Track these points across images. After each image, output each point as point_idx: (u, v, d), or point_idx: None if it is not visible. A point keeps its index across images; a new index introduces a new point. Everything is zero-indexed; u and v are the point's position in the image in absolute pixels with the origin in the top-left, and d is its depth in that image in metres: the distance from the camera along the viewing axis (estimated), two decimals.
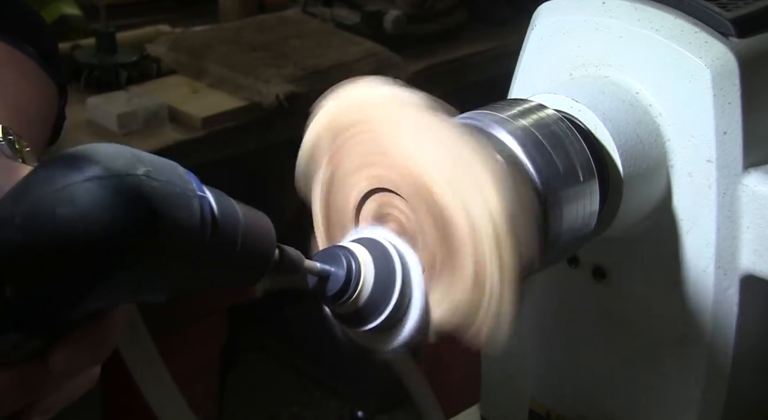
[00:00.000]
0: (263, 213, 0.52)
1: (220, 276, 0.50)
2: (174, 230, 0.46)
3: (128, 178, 0.45)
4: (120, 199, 0.44)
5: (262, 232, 0.51)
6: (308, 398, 2.50)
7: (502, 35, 2.34)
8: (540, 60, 0.79)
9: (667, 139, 0.72)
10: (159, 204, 0.45)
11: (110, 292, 0.46)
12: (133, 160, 0.46)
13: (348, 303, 0.55)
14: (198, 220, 0.47)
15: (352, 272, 0.55)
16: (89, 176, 0.44)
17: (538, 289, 0.84)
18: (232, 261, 0.49)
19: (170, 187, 0.46)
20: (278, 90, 1.85)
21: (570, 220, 0.64)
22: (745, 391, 0.79)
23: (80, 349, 0.48)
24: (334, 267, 0.55)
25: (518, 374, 0.91)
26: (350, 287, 0.55)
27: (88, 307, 0.46)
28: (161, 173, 0.46)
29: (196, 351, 2.12)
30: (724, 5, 0.75)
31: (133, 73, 1.93)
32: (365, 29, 2.18)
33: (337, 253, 0.56)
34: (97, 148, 0.46)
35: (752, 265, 0.72)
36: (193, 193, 0.47)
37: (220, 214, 0.48)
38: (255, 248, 0.51)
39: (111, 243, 0.44)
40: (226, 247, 0.49)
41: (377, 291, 0.55)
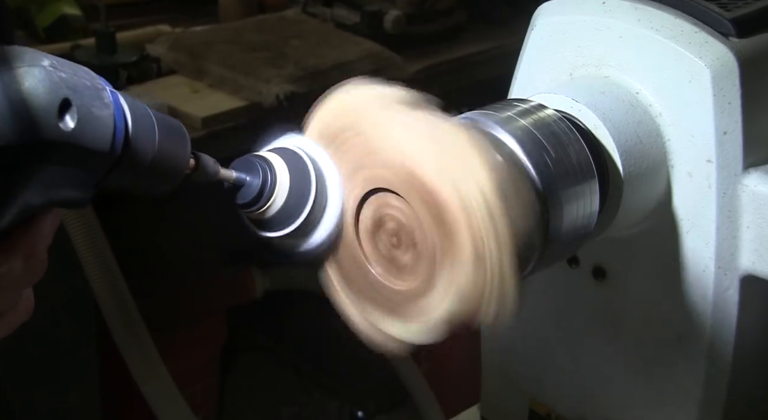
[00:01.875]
0: (179, 121, 0.53)
1: (135, 178, 0.50)
2: (87, 118, 0.46)
3: (35, 69, 0.45)
4: (30, 90, 0.44)
5: (177, 138, 0.52)
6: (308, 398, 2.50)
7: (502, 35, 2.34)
8: (540, 60, 0.79)
9: (667, 139, 0.72)
10: (69, 93, 0.45)
11: (31, 190, 0.45)
12: (37, 54, 0.46)
13: (262, 210, 0.57)
14: (111, 112, 0.47)
15: (267, 181, 0.57)
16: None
17: (538, 289, 0.84)
18: (146, 163, 0.50)
19: (78, 79, 0.46)
20: (278, 90, 1.85)
21: (570, 220, 0.64)
22: (745, 391, 0.78)
23: (12, 255, 0.48)
24: (249, 175, 0.57)
25: (518, 374, 0.91)
26: (263, 197, 0.57)
27: (12, 209, 0.45)
28: (67, 67, 0.46)
29: (196, 351, 2.11)
30: (724, 5, 0.75)
31: (133, 73, 1.93)
32: (365, 29, 2.17)
33: (254, 162, 0.57)
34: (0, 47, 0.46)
35: (752, 265, 0.72)
36: (102, 86, 0.47)
37: (132, 109, 0.49)
38: (170, 152, 0.51)
39: (26, 135, 0.44)
40: (141, 144, 0.49)
41: (291, 200, 0.57)
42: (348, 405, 2.46)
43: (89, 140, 0.46)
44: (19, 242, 0.49)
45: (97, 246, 1.62)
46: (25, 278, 0.50)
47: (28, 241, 0.49)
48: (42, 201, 0.47)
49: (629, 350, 0.80)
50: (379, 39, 2.13)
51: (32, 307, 0.54)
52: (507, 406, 0.93)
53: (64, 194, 0.47)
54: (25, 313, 0.54)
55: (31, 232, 0.49)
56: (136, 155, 0.49)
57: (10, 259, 0.48)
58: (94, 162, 0.47)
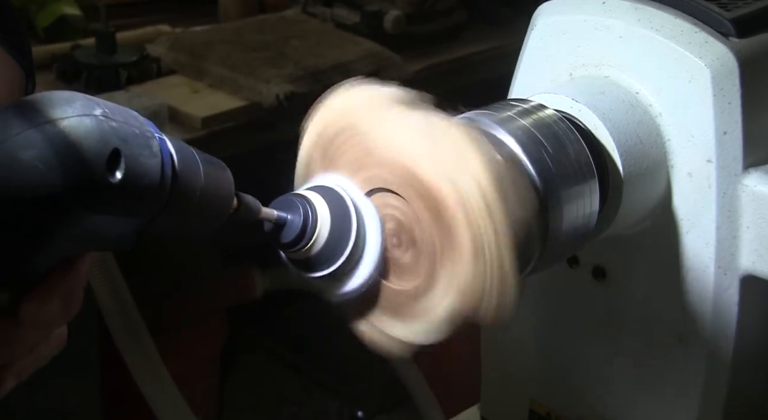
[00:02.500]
0: (221, 160, 0.52)
1: (180, 222, 0.49)
2: (135, 169, 0.45)
3: (86, 118, 0.44)
4: (80, 140, 0.43)
5: (222, 180, 0.52)
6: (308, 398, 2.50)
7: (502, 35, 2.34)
8: (540, 60, 0.79)
9: (667, 139, 0.72)
10: (119, 143, 0.45)
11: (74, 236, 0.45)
12: (90, 102, 0.45)
13: (303, 250, 0.56)
14: (159, 160, 0.46)
15: (308, 220, 0.56)
16: (48, 119, 0.43)
17: (538, 289, 0.84)
18: (192, 208, 0.49)
19: (129, 128, 0.46)
20: (278, 90, 1.85)
21: (570, 220, 0.64)
22: (745, 391, 0.78)
23: (50, 299, 0.48)
24: (290, 214, 0.56)
25: (518, 374, 0.91)
26: (305, 236, 0.56)
27: (53, 254, 0.45)
28: (118, 114, 0.46)
29: (196, 351, 2.11)
30: (724, 5, 0.75)
31: (133, 73, 1.93)
32: (365, 29, 2.17)
33: (294, 201, 0.57)
34: (51, 94, 0.45)
35: (752, 265, 0.72)
36: (151, 134, 0.47)
37: (179, 155, 0.48)
38: (215, 194, 0.51)
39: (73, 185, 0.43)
40: (187, 190, 0.49)
41: (332, 241, 0.56)
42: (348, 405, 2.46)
43: (136, 190, 0.45)
44: (57, 284, 0.48)
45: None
46: (62, 317, 0.50)
47: (67, 283, 0.49)
48: (84, 247, 0.47)
49: (629, 350, 0.80)
50: (379, 39, 2.13)
51: (65, 339, 0.54)
52: (507, 406, 0.93)
53: (105, 240, 0.47)
54: (57, 345, 0.53)
55: (70, 275, 0.49)
56: (181, 201, 0.48)
57: (48, 302, 0.48)
58: (140, 209, 0.47)
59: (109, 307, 1.67)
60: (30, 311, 0.47)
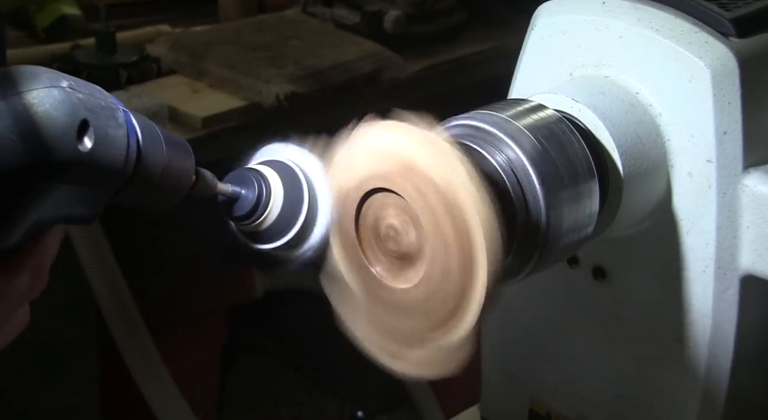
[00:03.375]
0: (182, 138, 0.54)
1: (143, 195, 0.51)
2: (104, 139, 0.46)
3: (54, 90, 0.45)
4: (50, 110, 0.44)
5: (183, 155, 0.53)
6: (308, 398, 2.50)
7: (502, 35, 2.33)
8: (540, 60, 0.79)
9: (667, 139, 0.72)
10: (87, 114, 0.46)
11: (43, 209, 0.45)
12: (56, 75, 0.46)
13: (255, 224, 0.58)
14: (125, 131, 0.47)
15: (262, 195, 0.57)
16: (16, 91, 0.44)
17: (538, 289, 0.84)
18: (155, 179, 0.50)
19: (95, 100, 0.47)
20: (278, 90, 1.85)
21: (570, 221, 0.64)
22: (745, 391, 0.78)
23: (18, 273, 0.48)
24: (244, 189, 0.58)
25: (518, 374, 0.91)
26: (258, 210, 0.58)
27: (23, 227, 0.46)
28: (84, 87, 0.47)
29: (196, 351, 2.11)
30: (724, 5, 0.75)
31: (133, 73, 1.93)
32: (365, 29, 2.17)
33: (249, 175, 0.58)
34: (17, 67, 0.46)
35: (752, 265, 0.72)
36: (115, 106, 0.48)
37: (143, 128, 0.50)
38: (176, 168, 0.52)
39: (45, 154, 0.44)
40: (151, 162, 0.50)
41: (284, 213, 0.58)
42: (348, 405, 2.46)
43: (104, 160, 0.46)
44: (26, 259, 0.49)
45: (97, 246, 1.62)
46: (30, 293, 0.50)
47: (35, 258, 0.49)
48: (52, 219, 0.47)
49: (629, 350, 0.80)
50: (379, 39, 2.13)
51: (28, 318, 0.54)
52: (507, 406, 0.93)
53: (74, 212, 0.47)
54: (21, 324, 0.54)
55: (38, 249, 0.49)
56: (145, 173, 0.50)
57: (17, 276, 0.48)
58: (107, 180, 0.48)
59: (108, 306, 1.67)
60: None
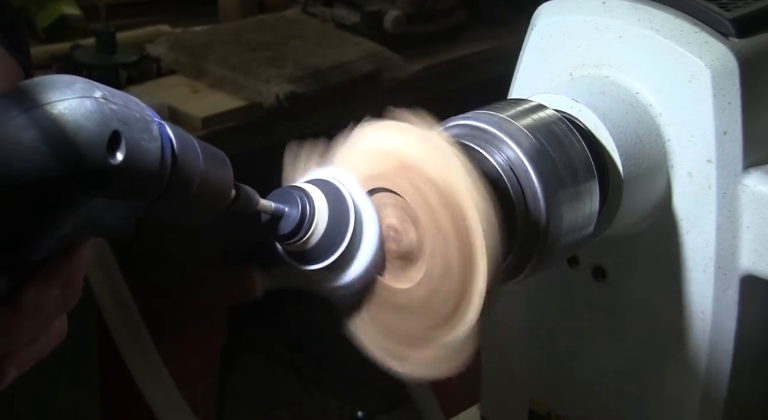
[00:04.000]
0: (221, 150, 0.52)
1: (178, 209, 0.49)
2: (136, 151, 0.45)
3: (86, 100, 0.44)
4: (81, 121, 0.43)
5: (221, 169, 0.52)
6: (308, 398, 2.50)
7: (502, 35, 2.34)
8: (540, 60, 0.79)
9: (667, 139, 0.72)
10: (119, 125, 0.45)
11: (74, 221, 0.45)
12: (90, 85, 0.45)
13: (299, 243, 0.56)
14: (159, 144, 0.46)
15: (306, 213, 0.56)
16: (48, 101, 0.43)
17: (538, 289, 0.84)
18: (190, 194, 0.49)
19: (129, 111, 0.46)
20: (278, 90, 1.85)
21: (570, 220, 0.64)
22: (745, 391, 0.78)
23: (50, 287, 0.47)
24: (288, 206, 0.56)
25: (518, 374, 0.91)
26: (303, 228, 0.56)
27: (53, 240, 0.45)
28: (118, 97, 0.46)
29: (196, 351, 2.11)
30: (724, 5, 0.75)
31: (133, 73, 1.93)
32: (365, 29, 2.17)
33: (292, 193, 0.57)
34: (51, 77, 0.45)
35: (752, 265, 0.72)
36: (150, 118, 0.47)
37: (179, 140, 0.48)
38: (213, 182, 0.51)
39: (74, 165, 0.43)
40: (186, 176, 0.48)
41: (329, 233, 0.56)
42: (348, 405, 2.46)
43: (137, 173, 0.45)
44: (58, 271, 0.48)
45: (97, 246, 1.62)
46: (63, 306, 0.50)
47: (67, 270, 0.48)
48: (84, 231, 0.47)
49: (629, 350, 0.80)
50: (379, 39, 2.13)
51: (65, 329, 0.53)
52: (507, 406, 0.93)
53: (106, 224, 0.47)
54: (58, 336, 0.53)
55: (69, 262, 0.48)
56: (181, 186, 0.48)
57: (49, 288, 0.48)
58: (140, 193, 0.46)
59: (109, 307, 1.67)
60: (30, 299, 0.47)
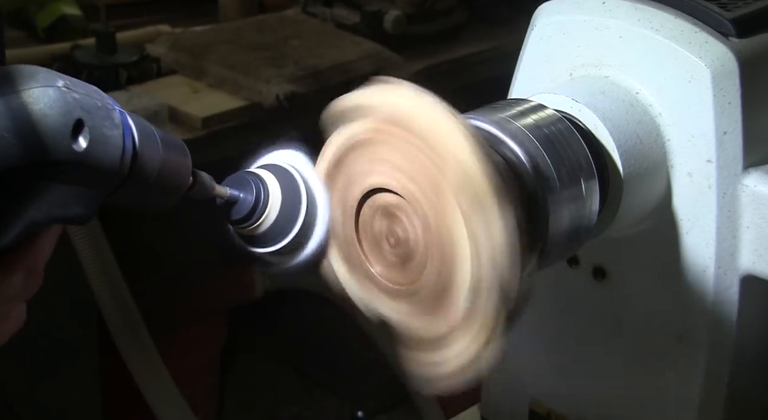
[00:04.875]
0: (180, 139, 0.54)
1: (139, 195, 0.51)
2: (99, 139, 0.46)
3: (49, 89, 0.45)
4: (45, 110, 0.44)
5: (179, 156, 0.53)
6: (308, 398, 2.50)
7: (502, 35, 2.34)
8: (540, 60, 0.79)
9: (667, 139, 0.72)
10: (82, 114, 0.46)
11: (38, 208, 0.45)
12: (51, 74, 0.46)
13: (253, 227, 0.58)
14: (120, 132, 0.47)
15: (260, 199, 0.57)
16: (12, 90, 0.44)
17: (538, 289, 0.84)
18: (151, 180, 0.50)
19: (91, 100, 0.47)
20: (278, 90, 1.85)
21: (570, 220, 0.64)
22: (745, 390, 0.78)
23: (13, 271, 0.48)
24: (243, 192, 0.57)
25: (518, 374, 0.91)
26: (256, 213, 0.57)
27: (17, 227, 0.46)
28: (80, 86, 0.47)
29: (196, 351, 2.11)
30: (724, 5, 0.75)
31: (133, 73, 1.93)
32: (365, 29, 2.17)
33: (247, 178, 0.58)
34: (13, 67, 0.46)
35: (752, 265, 0.72)
36: (111, 107, 0.48)
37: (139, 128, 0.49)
38: (173, 168, 0.52)
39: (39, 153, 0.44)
40: (147, 162, 0.50)
41: (282, 218, 0.58)
42: (348, 405, 2.46)
43: (99, 160, 0.46)
44: (20, 258, 0.49)
45: (97, 246, 1.62)
46: (24, 293, 0.51)
47: (30, 258, 0.49)
48: (47, 218, 0.47)
49: (629, 350, 0.80)
50: (379, 39, 2.13)
51: (24, 317, 0.54)
52: (507, 406, 0.93)
53: (69, 212, 0.47)
54: (17, 323, 0.54)
55: (32, 249, 0.49)
56: (141, 173, 0.49)
57: (11, 275, 0.49)
58: (103, 180, 0.47)
59: (109, 306, 1.67)
60: None
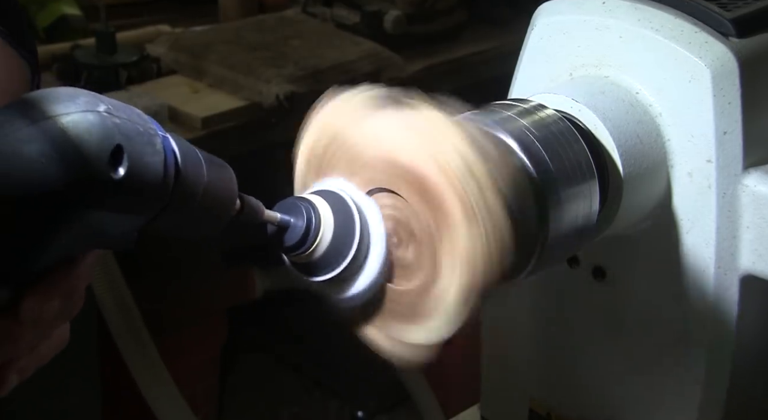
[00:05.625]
0: (225, 162, 0.52)
1: (182, 221, 0.49)
2: (138, 166, 0.45)
3: (90, 114, 0.44)
4: (83, 135, 0.43)
5: (225, 181, 0.52)
6: (308, 398, 2.50)
7: (502, 35, 2.34)
8: (540, 60, 0.79)
9: (667, 139, 0.72)
10: (122, 140, 0.45)
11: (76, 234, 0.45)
12: (93, 98, 0.45)
13: (306, 254, 0.56)
14: (162, 158, 0.46)
15: (311, 224, 0.55)
16: (51, 114, 0.43)
17: (538, 289, 0.84)
18: (194, 207, 0.49)
19: (132, 125, 0.46)
20: (278, 90, 1.85)
21: (570, 220, 0.64)
22: (745, 391, 0.78)
23: (51, 296, 0.48)
24: (294, 218, 0.56)
25: (518, 374, 0.91)
26: (308, 239, 0.56)
27: (55, 251, 0.45)
28: (122, 111, 0.46)
29: (196, 351, 2.11)
30: (724, 5, 0.75)
31: (133, 73, 1.93)
32: (365, 29, 2.17)
33: (297, 204, 0.56)
34: (55, 90, 0.45)
35: (752, 265, 0.72)
36: (154, 131, 0.47)
37: (182, 153, 0.48)
38: (217, 195, 0.51)
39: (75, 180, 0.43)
40: (190, 189, 0.48)
41: (335, 244, 0.56)
42: (348, 405, 2.46)
43: (139, 187, 0.45)
44: (59, 282, 0.48)
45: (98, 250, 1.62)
46: (63, 315, 0.50)
47: (68, 281, 0.49)
48: (84, 245, 0.47)
49: (629, 350, 0.80)
50: (379, 39, 2.13)
51: (67, 336, 0.54)
52: (507, 406, 0.93)
53: (107, 238, 0.47)
54: (58, 344, 0.53)
55: (71, 273, 0.49)
56: (184, 200, 0.48)
57: (48, 299, 0.48)
58: (142, 207, 0.46)
59: (109, 307, 1.67)
60: (31, 309, 0.47)
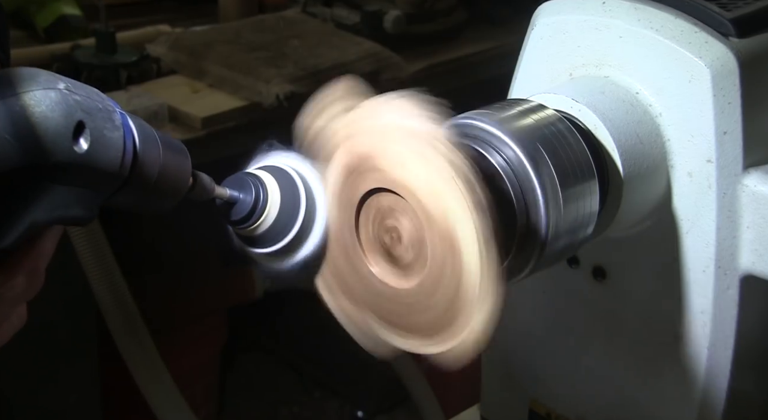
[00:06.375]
0: (180, 141, 0.54)
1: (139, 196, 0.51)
2: (100, 140, 0.46)
3: (51, 91, 0.45)
4: (46, 112, 0.44)
5: (179, 158, 0.53)
6: (308, 398, 2.50)
7: (502, 35, 2.34)
8: (540, 60, 0.79)
9: (667, 139, 0.72)
10: (83, 116, 0.46)
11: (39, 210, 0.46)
12: (53, 77, 0.46)
13: (252, 228, 0.58)
14: (121, 134, 0.48)
15: (259, 200, 0.58)
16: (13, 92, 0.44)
17: (538, 289, 0.84)
18: (152, 181, 0.51)
19: (92, 102, 0.47)
20: (278, 90, 1.85)
21: (570, 220, 0.64)
22: (745, 390, 0.78)
23: (13, 275, 0.49)
24: (242, 193, 0.58)
25: (518, 374, 0.91)
26: (255, 214, 0.58)
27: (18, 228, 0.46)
28: (80, 89, 0.47)
29: (196, 351, 2.11)
30: (724, 5, 0.75)
31: (133, 73, 1.93)
32: (365, 29, 2.17)
33: (247, 180, 0.58)
34: (15, 69, 0.46)
35: (752, 265, 0.72)
36: (112, 108, 0.48)
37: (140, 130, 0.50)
38: (173, 170, 0.52)
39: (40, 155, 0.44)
40: (148, 164, 0.50)
41: (281, 219, 0.58)
42: (348, 405, 2.46)
43: (100, 162, 0.47)
44: (22, 260, 0.49)
45: (97, 247, 1.62)
46: (25, 294, 0.51)
47: (31, 259, 0.50)
48: (49, 220, 0.47)
49: (629, 350, 0.80)
50: (379, 39, 2.13)
51: (25, 317, 0.55)
52: (507, 406, 0.93)
53: (70, 213, 0.48)
54: (17, 324, 0.54)
55: (34, 250, 0.50)
56: (142, 175, 0.50)
57: (13, 277, 0.49)
58: (104, 182, 0.48)
59: (109, 307, 1.67)
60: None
